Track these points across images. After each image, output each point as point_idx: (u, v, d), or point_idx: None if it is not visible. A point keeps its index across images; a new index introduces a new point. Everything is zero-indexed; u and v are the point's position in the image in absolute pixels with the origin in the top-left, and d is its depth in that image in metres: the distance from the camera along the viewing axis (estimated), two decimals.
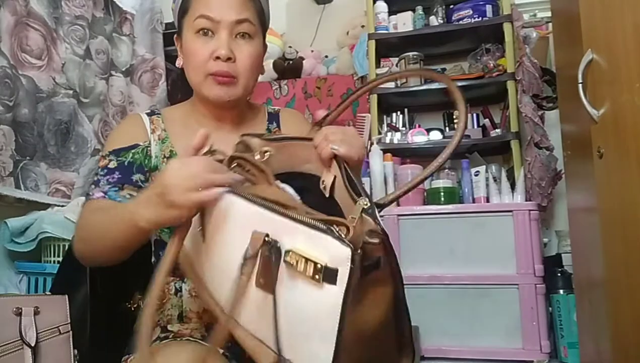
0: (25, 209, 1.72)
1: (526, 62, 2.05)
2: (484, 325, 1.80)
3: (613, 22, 1.11)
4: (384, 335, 0.61)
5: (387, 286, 0.60)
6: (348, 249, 0.53)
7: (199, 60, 0.91)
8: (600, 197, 1.18)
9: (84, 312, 0.91)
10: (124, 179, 0.89)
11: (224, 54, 0.89)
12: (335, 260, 0.54)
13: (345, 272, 0.53)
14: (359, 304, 0.56)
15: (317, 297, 0.55)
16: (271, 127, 1.04)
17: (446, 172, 2.22)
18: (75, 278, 0.93)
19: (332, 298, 0.54)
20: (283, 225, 0.59)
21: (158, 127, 0.98)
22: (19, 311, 0.79)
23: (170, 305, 0.92)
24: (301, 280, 0.56)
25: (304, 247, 0.56)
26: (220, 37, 0.90)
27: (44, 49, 1.77)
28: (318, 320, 0.55)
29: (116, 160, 0.91)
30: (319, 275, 0.54)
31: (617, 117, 1.09)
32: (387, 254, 0.59)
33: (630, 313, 1.07)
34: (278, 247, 0.58)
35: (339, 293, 0.53)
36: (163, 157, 0.95)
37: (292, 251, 0.57)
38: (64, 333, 0.84)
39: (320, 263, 0.54)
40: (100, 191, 0.87)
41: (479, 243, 1.87)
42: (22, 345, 0.77)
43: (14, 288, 1.63)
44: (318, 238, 0.56)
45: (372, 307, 0.58)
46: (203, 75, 0.92)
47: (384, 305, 0.59)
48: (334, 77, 2.56)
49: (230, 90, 0.93)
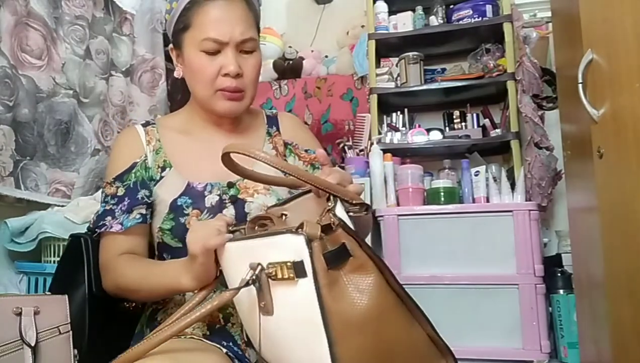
0: (25, 209, 1.72)
1: (526, 62, 2.04)
2: (484, 325, 1.80)
3: (613, 22, 1.10)
4: (389, 326, 0.62)
5: (369, 274, 0.62)
6: (301, 236, 0.59)
7: (206, 77, 0.93)
8: (600, 197, 1.17)
9: (83, 311, 0.91)
10: (133, 202, 0.93)
11: (233, 71, 0.91)
12: (297, 252, 0.59)
13: (307, 259, 0.58)
14: (343, 295, 0.59)
15: (298, 295, 0.60)
16: (271, 131, 1.05)
17: (446, 172, 2.22)
18: (74, 278, 0.93)
19: (306, 288, 0.58)
20: (260, 246, 0.65)
21: (153, 137, 1.00)
22: (19, 311, 0.79)
23: (173, 304, 0.92)
24: (285, 287, 0.61)
25: (276, 255, 0.62)
26: (227, 54, 0.92)
27: (44, 49, 1.77)
28: (305, 316, 0.59)
29: (122, 185, 0.95)
30: (292, 273, 0.59)
31: (617, 117, 1.09)
32: (353, 240, 0.63)
33: (630, 313, 1.07)
34: (262, 267, 0.63)
35: (310, 281, 0.58)
36: (157, 167, 0.97)
37: (270, 263, 0.62)
38: (64, 333, 0.84)
39: (289, 261, 0.60)
40: (118, 223, 0.92)
41: (479, 243, 1.87)
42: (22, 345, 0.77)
43: (14, 288, 1.63)
44: (281, 242, 0.61)
45: (359, 297, 0.60)
46: (212, 91, 0.94)
47: (375, 292, 0.61)
48: (334, 77, 2.56)
49: (240, 104, 0.96)
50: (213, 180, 0.94)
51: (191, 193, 0.93)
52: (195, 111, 1.01)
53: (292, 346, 0.62)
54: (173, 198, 0.93)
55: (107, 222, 0.92)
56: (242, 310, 0.73)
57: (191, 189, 0.94)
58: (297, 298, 0.60)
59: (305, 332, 0.59)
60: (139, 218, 0.92)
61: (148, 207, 0.94)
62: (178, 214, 0.92)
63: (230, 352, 0.82)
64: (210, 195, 0.93)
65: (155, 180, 0.96)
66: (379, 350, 0.60)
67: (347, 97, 2.51)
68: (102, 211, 0.94)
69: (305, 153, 1.05)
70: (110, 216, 0.92)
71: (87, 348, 0.89)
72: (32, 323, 0.79)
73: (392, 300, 0.63)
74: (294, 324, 0.61)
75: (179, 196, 0.93)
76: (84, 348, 0.88)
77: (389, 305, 0.62)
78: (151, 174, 0.96)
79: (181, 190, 0.93)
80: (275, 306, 0.62)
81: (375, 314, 0.60)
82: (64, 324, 0.84)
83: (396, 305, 0.63)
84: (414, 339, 0.65)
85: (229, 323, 0.88)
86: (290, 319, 0.62)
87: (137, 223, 0.92)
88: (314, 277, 0.58)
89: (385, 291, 0.62)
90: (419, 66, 2.34)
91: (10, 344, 0.76)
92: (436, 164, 2.33)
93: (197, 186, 0.94)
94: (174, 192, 0.93)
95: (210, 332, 0.86)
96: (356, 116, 2.46)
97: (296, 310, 0.60)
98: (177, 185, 0.94)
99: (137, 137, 0.99)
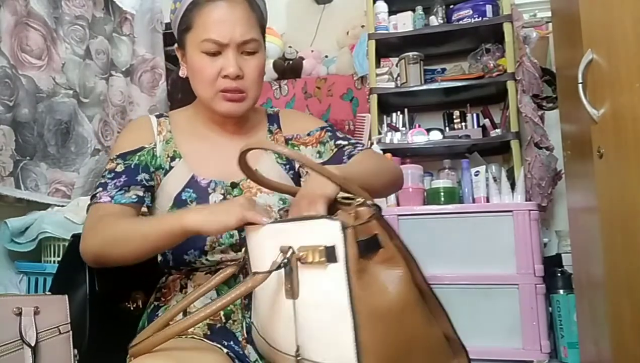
0: (25, 209, 1.72)
1: (526, 62, 2.05)
2: (484, 325, 1.80)
3: (613, 22, 1.11)
4: (411, 320, 0.63)
5: (398, 267, 0.64)
6: (337, 221, 0.60)
7: (207, 78, 0.93)
8: (600, 197, 1.18)
9: (83, 311, 0.91)
10: (130, 180, 0.93)
11: (233, 72, 0.91)
12: (330, 238, 0.60)
13: (340, 245, 0.59)
14: (370, 284, 0.61)
15: (327, 280, 0.61)
16: (272, 129, 1.05)
17: (446, 172, 2.22)
18: (74, 278, 0.93)
19: (336, 272, 0.60)
20: (292, 229, 0.66)
21: (164, 128, 1.00)
22: (19, 311, 0.79)
23: (174, 302, 0.92)
24: (314, 271, 0.62)
25: (308, 240, 0.63)
26: (227, 56, 0.92)
27: (44, 49, 1.77)
28: (332, 300, 0.60)
29: (123, 163, 0.94)
30: (323, 258, 0.61)
31: (617, 117, 1.09)
32: (386, 232, 0.64)
33: (630, 313, 1.07)
34: (293, 251, 0.64)
35: (341, 266, 0.59)
36: (167, 157, 0.97)
37: (301, 247, 0.63)
38: (64, 333, 0.84)
39: (321, 246, 0.61)
40: (107, 195, 0.90)
41: (479, 243, 1.87)
42: (22, 345, 0.77)
43: (14, 288, 1.64)
44: (315, 227, 0.63)
45: (386, 288, 0.62)
46: (212, 92, 0.94)
47: (401, 285, 0.63)
48: (334, 77, 2.56)
49: (241, 105, 0.95)
50: (217, 178, 0.95)
51: (195, 188, 0.94)
52: (200, 110, 1.02)
53: (314, 329, 0.63)
54: (177, 192, 0.93)
55: (98, 193, 0.92)
56: (260, 294, 0.73)
57: (195, 183, 0.94)
58: (326, 282, 0.61)
59: (330, 316, 0.61)
60: (135, 198, 0.91)
61: (147, 190, 0.94)
62: (181, 208, 0.92)
63: (231, 352, 0.82)
64: (214, 193, 0.94)
65: (164, 169, 0.96)
66: (398, 341, 0.61)
67: (347, 97, 2.51)
68: (97, 184, 0.94)
69: (308, 137, 1.04)
70: (102, 188, 0.92)
71: (87, 348, 0.89)
72: (32, 323, 0.79)
73: (415, 296, 0.65)
74: (319, 308, 0.62)
75: (183, 189, 0.93)
76: (84, 348, 0.88)
77: (412, 300, 0.64)
78: (160, 162, 0.96)
79: (185, 181, 0.94)
80: (301, 289, 0.64)
81: (400, 306, 0.62)
82: (64, 324, 0.85)
83: (418, 300, 0.65)
84: (430, 336, 0.66)
85: (230, 321, 0.88)
86: (315, 303, 0.63)
87: (131, 202, 0.91)
88: (345, 263, 0.59)
89: (410, 286, 0.64)
90: (419, 66, 2.34)
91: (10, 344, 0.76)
92: (436, 163, 2.34)
93: (201, 181, 0.94)
94: (179, 184, 0.94)
95: (211, 332, 0.86)
96: (356, 116, 2.46)
97: (323, 294, 0.62)
98: (183, 176, 0.95)
99: (150, 125, 1.00)
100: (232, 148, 1.00)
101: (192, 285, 0.92)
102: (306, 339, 0.64)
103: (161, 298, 0.95)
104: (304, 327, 0.63)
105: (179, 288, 0.94)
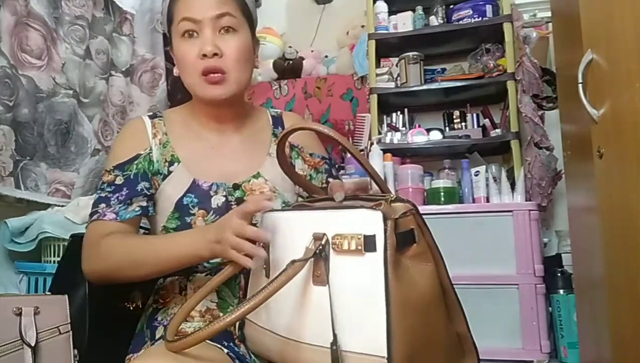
0: (25, 209, 1.72)
1: (526, 62, 2.05)
2: (484, 325, 1.79)
3: (613, 22, 1.10)
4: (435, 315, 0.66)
5: (428, 263, 0.66)
6: (379, 213, 0.62)
7: (188, 61, 0.92)
8: (600, 197, 1.17)
9: (83, 311, 0.91)
10: (131, 192, 0.91)
11: (210, 50, 0.90)
12: (371, 227, 0.62)
13: (380, 235, 0.61)
14: (402, 277, 0.62)
15: (363, 268, 0.62)
16: (277, 132, 1.04)
17: (446, 172, 2.22)
18: (74, 278, 0.93)
19: (374, 261, 0.61)
20: (326, 218, 0.68)
21: (159, 130, 0.98)
22: (19, 311, 0.79)
23: (174, 304, 0.92)
24: (348, 259, 0.63)
25: (345, 227, 0.64)
26: (204, 35, 0.91)
27: (44, 49, 1.77)
28: (366, 289, 0.62)
29: (122, 175, 0.92)
30: (360, 246, 0.62)
31: (617, 117, 1.09)
32: (420, 227, 0.67)
33: (630, 313, 1.07)
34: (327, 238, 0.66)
35: (380, 256, 0.61)
36: (164, 161, 0.95)
37: (336, 234, 0.65)
38: (64, 333, 0.84)
39: (359, 234, 0.62)
40: (112, 211, 0.89)
41: (479, 243, 1.87)
42: (22, 345, 0.77)
43: (14, 288, 1.63)
44: (353, 216, 0.65)
45: (416, 282, 0.64)
46: (195, 76, 0.93)
47: (429, 280, 0.66)
48: (334, 77, 2.56)
49: (224, 87, 0.93)
50: (219, 181, 0.94)
51: (197, 192, 0.93)
52: (197, 109, 1.01)
53: (342, 317, 0.63)
54: (179, 197, 0.92)
55: (100, 209, 0.89)
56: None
57: (197, 187, 0.93)
58: (361, 270, 0.62)
59: (362, 303, 0.62)
60: (138, 210, 0.91)
61: (149, 199, 0.93)
62: (184, 214, 0.91)
63: (231, 352, 0.82)
64: (216, 196, 0.93)
65: (162, 174, 0.94)
66: (423, 334, 0.63)
67: (347, 97, 2.51)
68: (97, 198, 0.92)
69: (309, 156, 1.04)
70: (104, 203, 0.90)
71: (87, 348, 0.89)
72: (32, 323, 0.79)
73: (440, 292, 0.68)
74: (350, 295, 0.63)
75: (185, 194, 0.92)
76: (84, 348, 0.88)
77: (437, 296, 0.67)
78: (157, 167, 0.95)
79: (186, 187, 0.93)
80: (331, 276, 0.64)
81: (427, 301, 0.64)
82: (64, 324, 0.85)
83: (441, 297, 0.68)
84: (448, 332, 0.69)
85: None
86: (346, 289, 0.64)
87: (135, 216, 0.90)
88: (384, 252, 0.61)
89: (437, 282, 0.67)
90: (419, 66, 2.34)
91: (10, 344, 0.76)
92: (436, 163, 2.33)
93: (202, 184, 0.93)
94: (179, 189, 0.93)
95: None
96: (356, 116, 2.46)
97: (356, 281, 0.63)
98: (184, 181, 0.93)
99: (144, 128, 0.98)
100: (232, 148, 1.00)
101: (192, 288, 0.91)
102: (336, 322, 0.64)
103: (159, 300, 0.95)
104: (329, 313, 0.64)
105: (178, 290, 0.93)
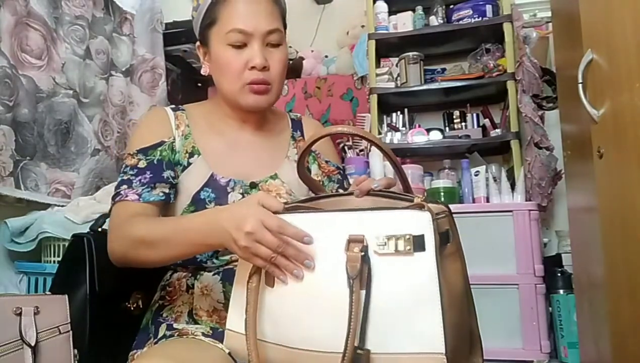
0: (25, 209, 1.72)
1: (526, 62, 2.04)
2: (484, 325, 1.78)
3: (613, 22, 1.10)
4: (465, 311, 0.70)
5: (457, 261, 0.69)
6: (428, 213, 0.63)
7: (234, 70, 0.93)
8: (600, 197, 1.17)
9: (83, 311, 0.91)
10: (156, 177, 0.91)
11: (260, 63, 0.91)
12: (419, 228, 0.62)
13: (430, 234, 0.62)
14: (444, 275, 0.64)
15: (412, 268, 0.62)
16: (295, 135, 1.06)
17: (446, 172, 2.22)
18: (74, 278, 0.93)
19: (426, 262, 0.62)
20: (368, 219, 0.66)
21: (182, 122, 0.99)
22: (19, 311, 0.79)
23: (180, 302, 0.92)
24: (392, 259, 0.63)
25: (389, 229, 0.64)
26: (253, 47, 0.92)
27: (44, 49, 1.77)
28: (419, 289, 0.62)
29: (145, 159, 0.92)
30: (409, 246, 0.62)
31: (617, 117, 1.09)
32: (452, 228, 0.70)
33: (630, 313, 1.07)
34: (366, 243, 0.65)
35: (431, 255, 0.62)
36: (185, 153, 0.96)
37: (379, 236, 0.64)
38: (64, 333, 0.84)
39: (407, 234, 0.62)
40: (135, 193, 0.89)
41: (479, 243, 1.86)
42: (22, 345, 0.77)
43: (14, 288, 1.64)
44: (399, 216, 0.64)
45: (452, 278, 0.66)
46: (239, 85, 0.93)
47: (460, 278, 0.68)
48: (334, 77, 2.56)
49: (267, 98, 0.95)
50: (236, 177, 0.94)
51: (214, 186, 0.93)
52: (220, 107, 1.01)
53: (386, 319, 0.64)
54: (196, 191, 0.92)
55: (123, 191, 0.89)
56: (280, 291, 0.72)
57: (214, 181, 0.93)
58: (411, 270, 0.63)
59: (411, 303, 0.62)
60: (162, 196, 0.90)
61: (172, 188, 0.92)
62: (199, 207, 0.91)
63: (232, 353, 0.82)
64: (233, 193, 0.93)
65: (182, 165, 0.95)
66: (458, 325, 0.66)
67: (347, 97, 2.51)
68: (119, 181, 0.91)
69: (325, 164, 1.05)
70: (126, 185, 0.90)
71: (87, 348, 0.89)
72: (32, 323, 0.79)
73: (467, 289, 0.71)
74: (398, 296, 0.63)
75: (202, 188, 0.92)
76: (84, 348, 0.88)
77: (465, 293, 0.70)
78: (178, 158, 0.95)
79: (204, 180, 0.93)
80: (373, 279, 0.64)
81: (461, 296, 0.68)
82: (64, 324, 0.85)
83: (468, 294, 0.72)
84: (469, 328, 0.73)
85: None
86: (392, 292, 0.64)
87: (159, 200, 0.89)
88: (435, 250, 0.62)
89: (465, 280, 0.70)
90: (419, 66, 2.34)
91: (10, 344, 0.76)
92: (436, 164, 2.33)
93: (220, 180, 0.93)
94: (198, 182, 0.93)
95: (213, 332, 0.86)
96: (356, 116, 2.46)
97: (406, 282, 0.63)
98: (202, 174, 0.94)
99: (167, 118, 0.98)
100: (252, 147, 1.01)
101: (199, 286, 0.91)
102: (375, 331, 0.63)
103: (166, 297, 0.95)
104: (370, 319, 0.64)
105: (185, 288, 0.93)
